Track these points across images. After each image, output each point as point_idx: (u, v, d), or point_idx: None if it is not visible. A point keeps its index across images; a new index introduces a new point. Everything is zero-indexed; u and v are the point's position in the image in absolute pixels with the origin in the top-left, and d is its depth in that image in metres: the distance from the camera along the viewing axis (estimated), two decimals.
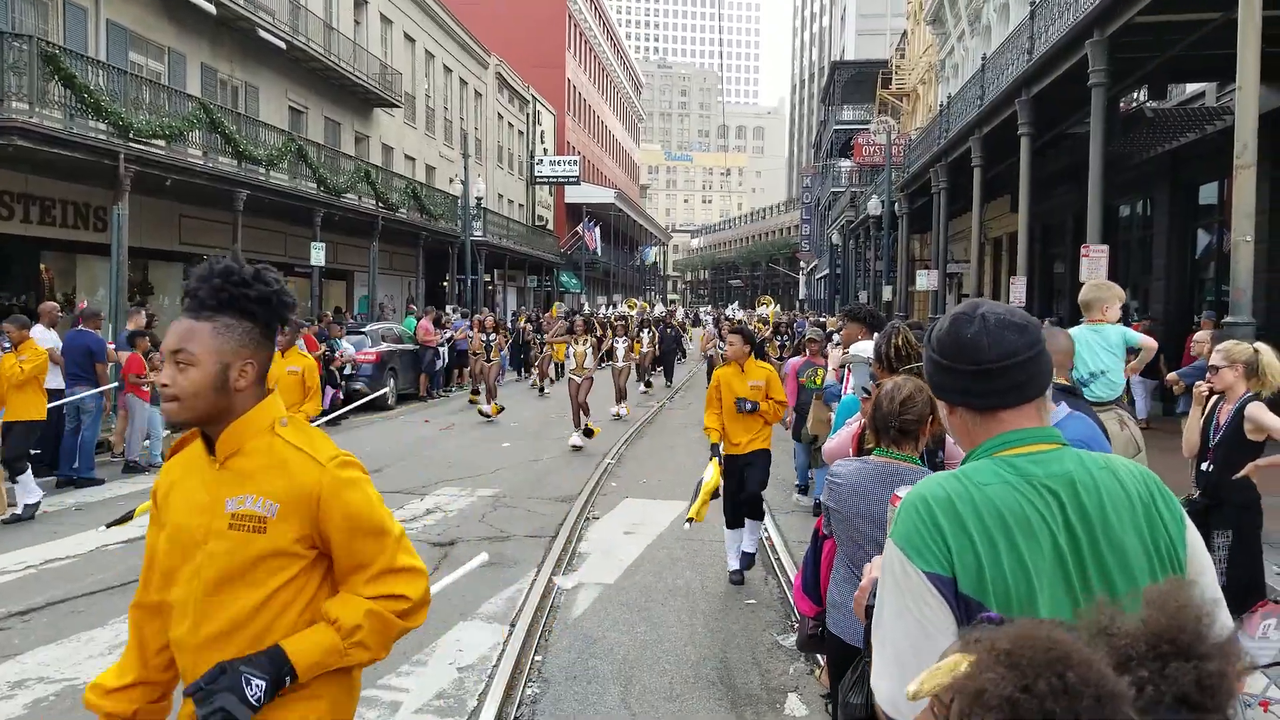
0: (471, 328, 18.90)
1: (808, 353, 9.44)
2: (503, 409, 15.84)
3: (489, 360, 16.31)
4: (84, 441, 9.76)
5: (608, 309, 36.60)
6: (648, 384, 21.42)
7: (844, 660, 3.04)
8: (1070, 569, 1.42)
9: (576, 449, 12.40)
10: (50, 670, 4.86)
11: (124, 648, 5.06)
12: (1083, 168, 13.82)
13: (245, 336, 1.86)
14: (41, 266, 17.06)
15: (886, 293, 29.86)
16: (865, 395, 3.66)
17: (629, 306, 32.63)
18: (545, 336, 19.87)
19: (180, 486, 1.89)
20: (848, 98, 45.33)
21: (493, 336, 16.70)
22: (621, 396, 16.16)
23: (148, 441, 10.84)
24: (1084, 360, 5.54)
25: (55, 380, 9.92)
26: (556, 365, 21.55)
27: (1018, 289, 15.94)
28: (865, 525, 2.80)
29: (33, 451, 8.65)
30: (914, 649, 1.38)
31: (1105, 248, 12.31)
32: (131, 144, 14.44)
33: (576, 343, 13.60)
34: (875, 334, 5.70)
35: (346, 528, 1.83)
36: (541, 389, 20.19)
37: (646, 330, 21.72)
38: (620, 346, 16.38)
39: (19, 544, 7.29)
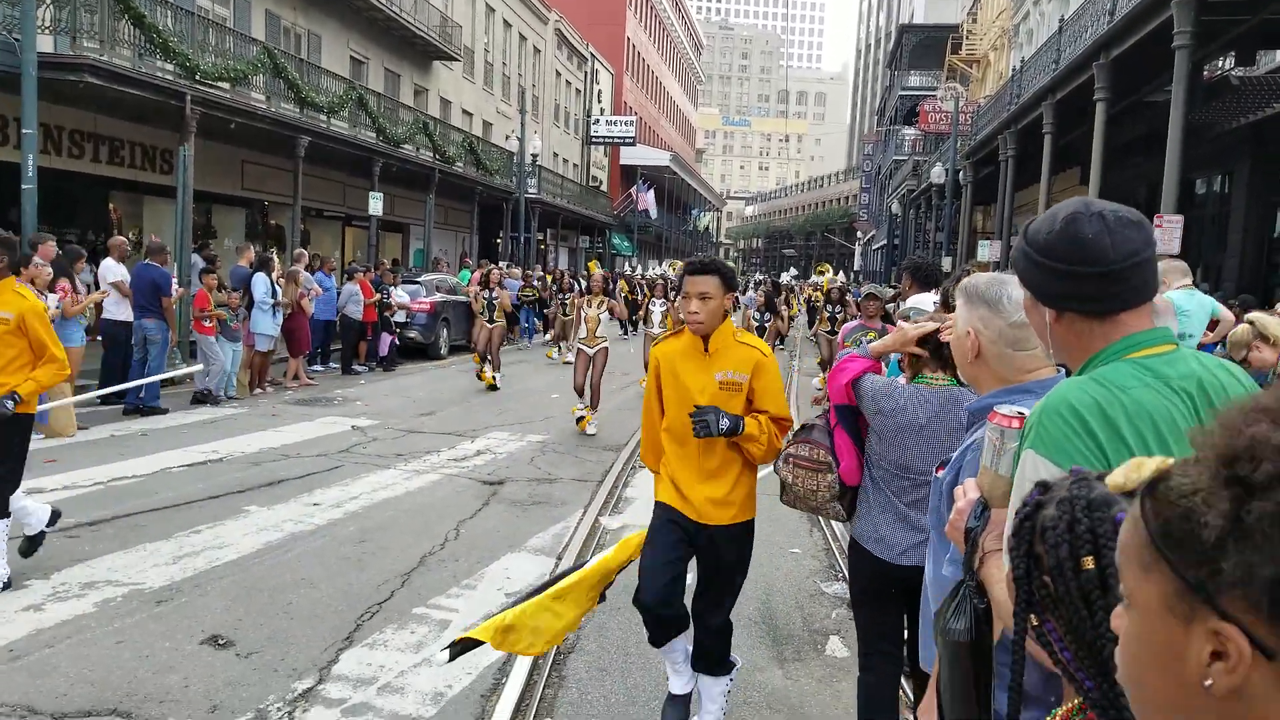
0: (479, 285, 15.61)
1: (861, 315, 8.25)
2: (495, 385, 13.39)
3: (491, 321, 13.93)
4: (150, 371, 10.07)
5: (637, 269, 34.81)
6: None
7: (870, 575, 3.06)
8: None
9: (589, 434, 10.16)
10: (118, 575, 5.07)
11: (186, 559, 5.24)
12: (1160, 138, 13.37)
13: None
14: (110, 206, 17.51)
15: (945, 264, 29.28)
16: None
17: (671, 268, 31.18)
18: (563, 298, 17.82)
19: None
20: (915, 63, 44.23)
21: (495, 294, 14.20)
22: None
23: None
24: (1181, 321, 5.44)
25: (125, 313, 10.24)
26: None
27: None
28: (918, 447, 2.83)
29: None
30: None
31: (1179, 218, 11.95)
32: (197, 85, 14.66)
33: (588, 305, 10.83)
34: (933, 290, 5.64)
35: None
36: (560, 350, 18.15)
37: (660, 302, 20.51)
38: (657, 310, 14.55)
39: (89, 463, 7.58)
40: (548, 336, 20.90)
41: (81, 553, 5.39)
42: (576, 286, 19.30)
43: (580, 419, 10.35)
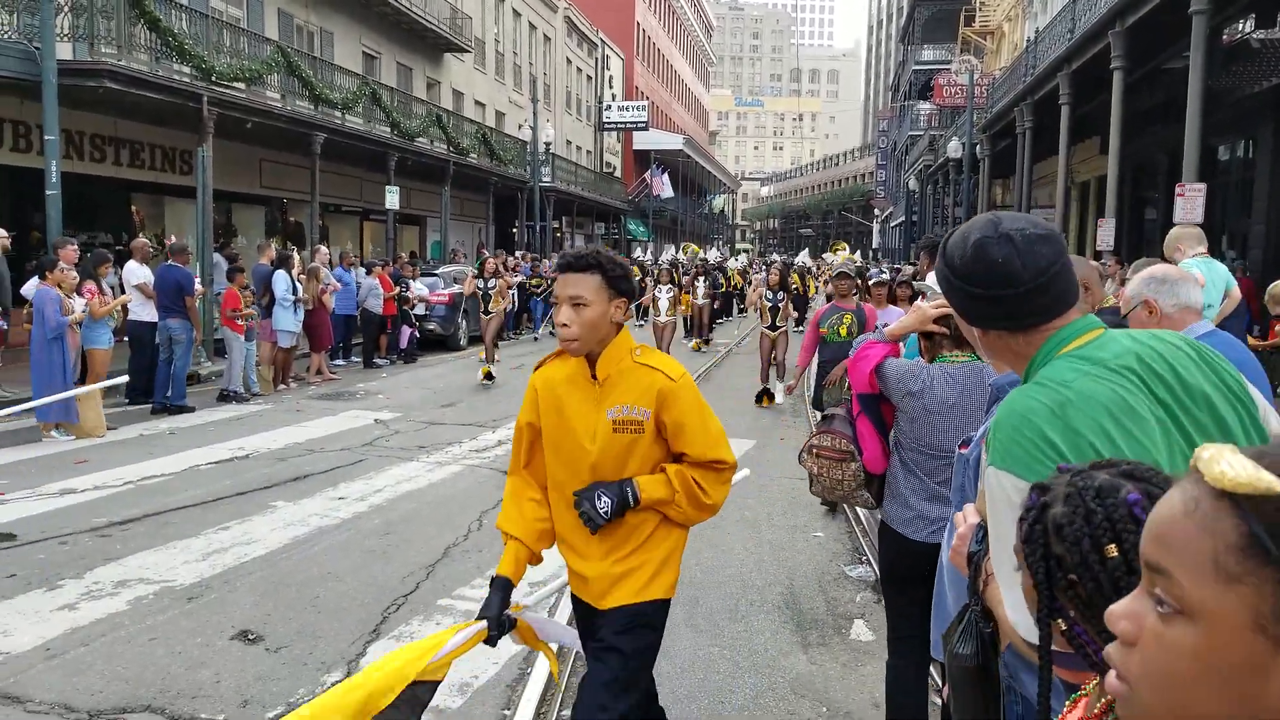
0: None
1: (835, 296, 7.73)
2: (492, 376, 12.79)
3: (485, 313, 13.23)
4: (176, 371, 10.21)
5: (648, 254, 33.28)
6: (705, 341, 18.19)
7: (901, 557, 3.08)
8: (1175, 436, 1.39)
9: None
10: (148, 572, 5.17)
11: (215, 555, 5.34)
12: (1179, 105, 13.17)
13: None
14: (133, 208, 17.70)
15: (937, 263, 29.04)
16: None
17: (683, 251, 30.40)
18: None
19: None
20: (928, 37, 43.79)
21: (492, 284, 13.29)
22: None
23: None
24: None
25: (149, 313, 10.38)
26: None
27: (1105, 233, 15.37)
28: (947, 425, 2.88)
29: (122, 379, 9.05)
30: None
31: (1202, 186, 11.78)
32: (213, 87, 14.78)
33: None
34: None
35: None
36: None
37: (704, 279, 18.61)
38: (664, 298, 13.51)
39: (119, 462, 7.71)
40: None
41: (114, 551, 5.50)
42: None
43: None
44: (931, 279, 4.89)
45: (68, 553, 5.48)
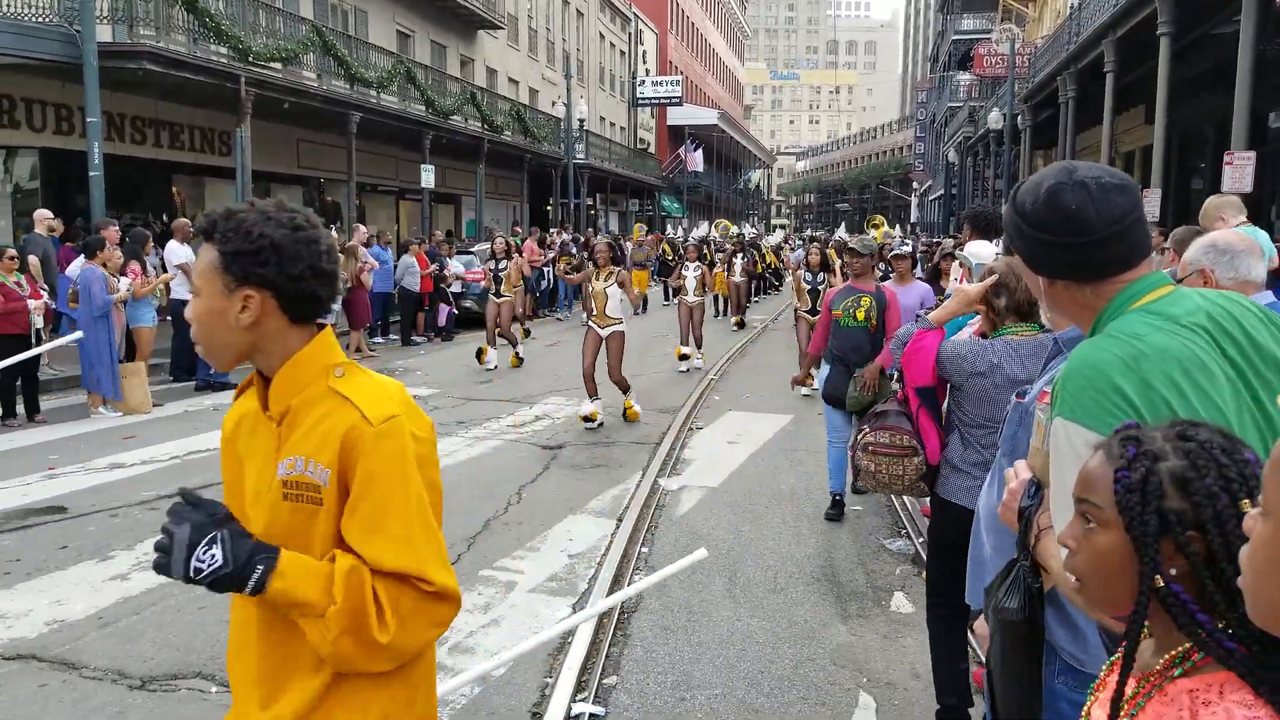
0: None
1: (850, 274, 6.37)
2: (522, 360, 12.33)
3: (498, 296, 12.26)
4: None
5: (679, 231, 32.09)
6: (739, 323, 17.30)
7: (957, 526, 3.04)
8: (1244, 394, 1.38)
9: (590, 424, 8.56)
10: None
11: None
12: (1228, 72, 12.78)
13: None
14: (174, 189, 17.97)
15: (1006, 212, 28.56)
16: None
17: (716, 228, 29.74)
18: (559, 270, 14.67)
19: None
20: (968, 5, 42.82)
21: (504, 265, 12.26)
22: (693, 339, 12.37)
23: None
24: None
25: (188, 293, 10.53)
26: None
27: (1151, 203, 15.02)
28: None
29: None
30: None
31: (1251, 154, 11.48)
32: (251, 67, 14.90)
33: (596, 278, 8.79)
34: (994, 239, 5.51)
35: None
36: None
37: (741, 256, 17.75)
38: (691, 277, 12.51)
39: (165, 438, 7.87)
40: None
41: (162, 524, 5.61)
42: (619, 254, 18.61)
43: (585, 416, 8.55)
44: (971, 248, 4.81)
45: (118, 525, 5.61)
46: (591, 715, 3.49)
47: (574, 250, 20.26)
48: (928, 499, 3.77)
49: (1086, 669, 1.71)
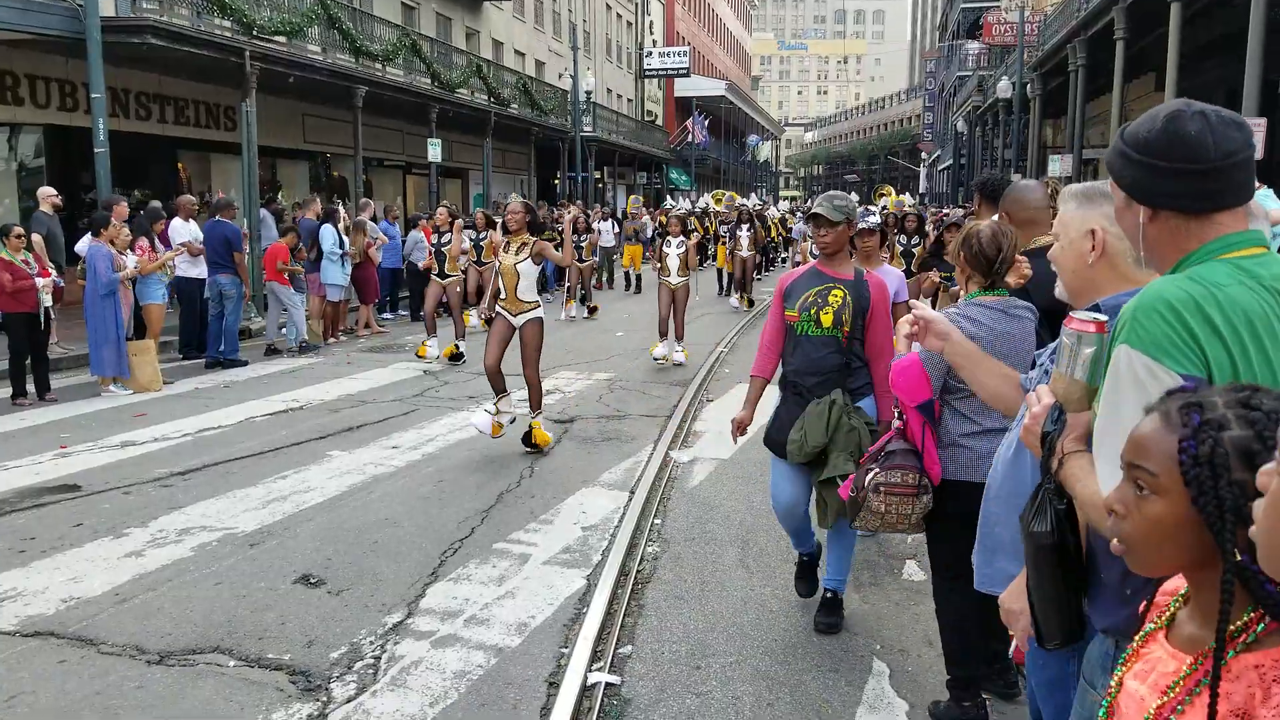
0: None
1: (810, 249, 5.49)
2: (461, 355, 10.69)
3: (442, 277, 10.99)
4: (228, 325, 10.38)
5: (680, 204, 28.32)
6: (748, 302, 16.15)
7: (963, 501, 3.01)
8: None
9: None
10: (211, 520, 5.29)
11: (275, 503, 5.43)
12: (1240, 37, 12.59)
13: None
14: (179, 165, 17.91)
15: (1015, 180, 28.30)
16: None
17: (715, 200, 28.49)
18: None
19: None
20: None
21: (446, 240, 10.92)
22: (672, 331, 10.44)
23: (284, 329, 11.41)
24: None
25: (197, 269, 10.53)
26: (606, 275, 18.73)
27: None
28: (1007, 356, 2.82)
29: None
30: None
31: (1262, 121, 11.34)
32: (255, 41, 14.76)
33: (505, 250, 6.90)
34: None
35: None
36: (588, 307, 15.27)
37: (747, 228, 16.30)
38: (673, 254, 10.52)
39: (177, 415, 7.88)
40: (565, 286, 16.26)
41: (176, 501, 5.64)
42: (597, 229, 17.63)
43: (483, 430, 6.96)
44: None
45: (132, 502, 5.63)
46: (608, 684, 3.50)
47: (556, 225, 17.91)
48: None
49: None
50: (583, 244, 15.84)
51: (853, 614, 4.17)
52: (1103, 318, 1.58)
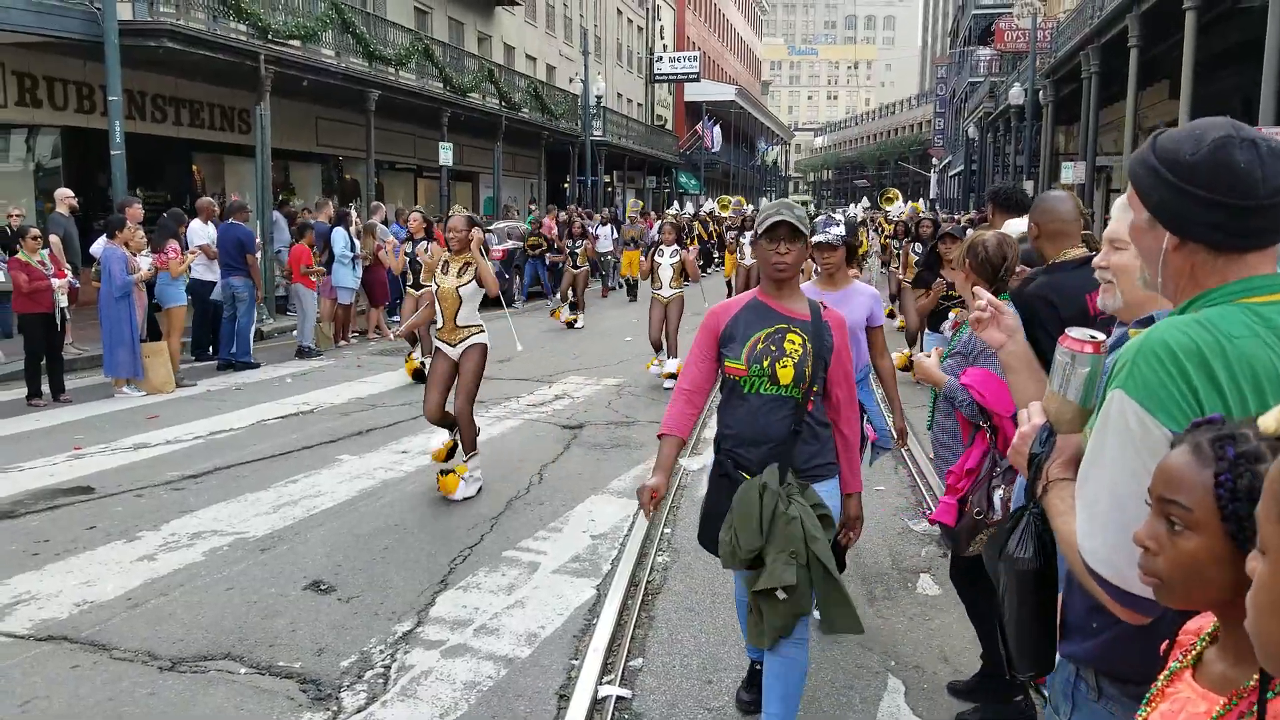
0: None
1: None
2: (421, 370, 9.34)
3: (415, 286, 10.02)
4: (240, 328, 10.41)
5: (685, 209, 28.10)
6: None
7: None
8: None
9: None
10: (222, 525, 5.31)
11: (285, 508, 5.43)
12: (1257, 45, 12.53)
13: None
14: (194, 167, 18.01)
15: (1028, 188, 28.21)
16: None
17: (721, 206, 26.12)
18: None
19: None
20: None
21: (423, 246, 10.05)
22: (665, 348, 9.69)
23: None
24: None
25: (213, 272, 10.57)
26: (623, 281, 18.08)
27: None
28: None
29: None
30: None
31: (1279, 129, 11.24)
32: (270, 45, 14.85)
33: (444, 271, 6.02)
34: (1023, 215, 5.41)
35: None
36: (570, 321, 14.33)
37: (751, 235, 14.26)
38: (666, 264, 9.65)
39: (188, 418, 7.91)
40: (556, 295, 16.18)
41: (188, 504, 5.66)
42: (592, 232, 17.12)
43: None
44: (1011, 227, 4.67)
45: (144, 505, 5.65)
46: (618, 698, 3.49)
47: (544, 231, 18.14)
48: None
49: None
50: (578, 249, 15.62)
51: (866, 630, 4.14)
52: (1100, 337, 1.52)
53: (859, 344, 4.12)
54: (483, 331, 6.02)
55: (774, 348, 2.87)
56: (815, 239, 4.03)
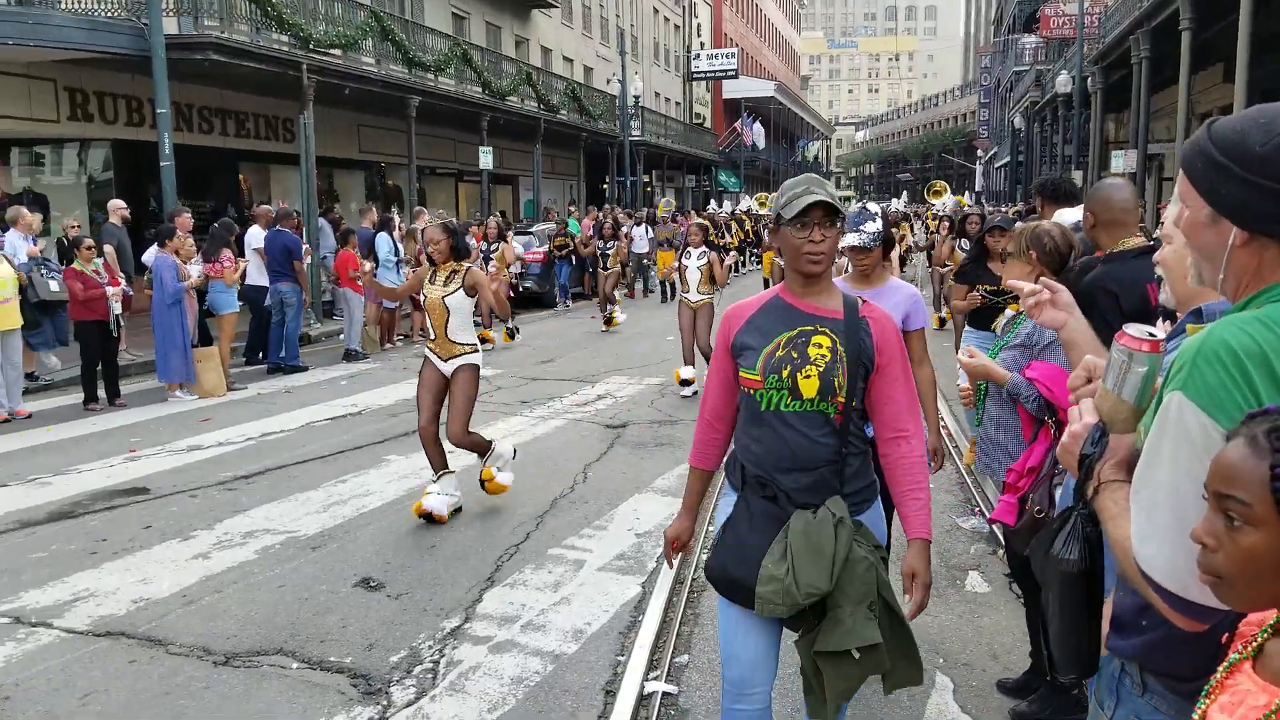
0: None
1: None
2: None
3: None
4: (289, 332, 10.61)
5: (721, 208, 27.56)
6: None
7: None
8: None
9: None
10: (274, 524, 5.40)
11: (335, 507, 5.49)
12: None
13: None
14: (240, 177, 18.37)
15: (1076, 178, 27.68)
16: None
17: (759, 203, 25.67)
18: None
19: None
20: None
21: (493, 247, 10.97)
22: (698, 352, 9.04)
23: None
24: None
25: (261, 278, 10.77)
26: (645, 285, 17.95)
27: None
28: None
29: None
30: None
31: None
32: (312, 55, 15.11)
33: (431, 281, 5.65)
34: (1074, 204, 5.29)
35: None
36: (607, 319, 13.97)
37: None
38: (693, 265, 9.16)
39: (239, 420, 8.07)
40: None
41: (240, 504, 5.77)
42: (625, 233, 16.97)
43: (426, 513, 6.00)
44: (1064, 217, 4.57)
45: (198, 505, 5.77)
46: (665, 694, 3.48)
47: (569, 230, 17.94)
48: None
49: None
50: (609, 250, 15.42)
51: (914, 626, 4.09)
52: (1159, 335, 1.47)
53: None
54: (476, 351, 5.64)
55: (795, 354, 2.33)
56: (847, 240, 3.63)
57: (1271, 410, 1.06)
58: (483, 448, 5.69)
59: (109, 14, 12.62)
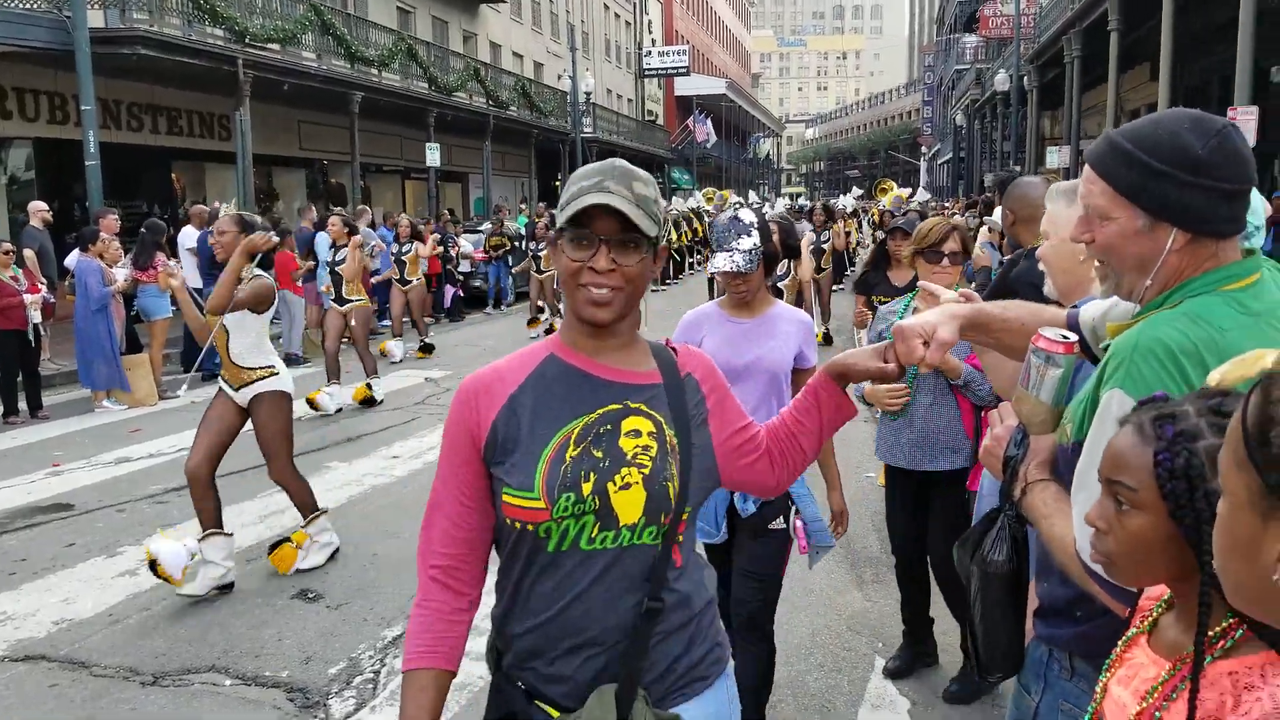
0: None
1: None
2: (374, 400, 8.87)
3: (340, 303, 9.08)
4: None
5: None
6: (826, 335, 11.25)
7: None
8: None
9: None
10: None
11: (273, 517, 5.31)
12: (1234, 25, 12.51)
13: None
14: (173, 176, 17.86)
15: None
16: None
17: (706, 199, 24.68)
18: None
19: None
20: None
21: (406, 249, 11.05)
22: None
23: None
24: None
25: (195, 279, 10.46)
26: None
27: None
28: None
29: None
30: None
31: (1254, 109, 11.29)
32: (248, 49, 14.74)
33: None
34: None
35: None
36: (540, 324, 13.12)
37: (812, 229, 12.37)
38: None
39: (171, 430, 7.81)
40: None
41: (172, 517, 5.56)
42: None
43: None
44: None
45: (126, 520, 5.57)
46: None
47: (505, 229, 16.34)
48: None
49: None
50: (541, 252, 13.27)
51: (855, 613, 4.12)
52: (1073, 338, 1.48)
53: (781, 394, 2.88)
54: (277, 375, 4.54)
55: (599, 454, 1.45)
56: (716, 264, 2.83)
57: (1158, 398, 1.09)
58: (308, 507, 4.71)
59: (29, 5, 12.10)
